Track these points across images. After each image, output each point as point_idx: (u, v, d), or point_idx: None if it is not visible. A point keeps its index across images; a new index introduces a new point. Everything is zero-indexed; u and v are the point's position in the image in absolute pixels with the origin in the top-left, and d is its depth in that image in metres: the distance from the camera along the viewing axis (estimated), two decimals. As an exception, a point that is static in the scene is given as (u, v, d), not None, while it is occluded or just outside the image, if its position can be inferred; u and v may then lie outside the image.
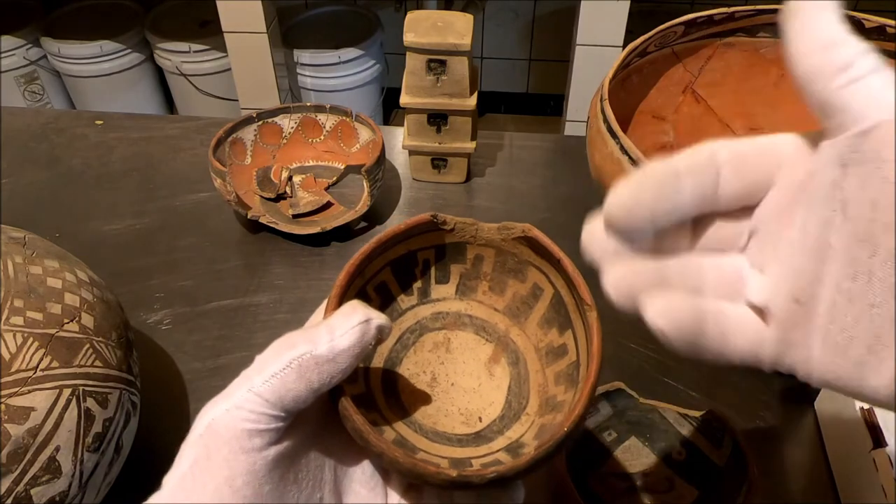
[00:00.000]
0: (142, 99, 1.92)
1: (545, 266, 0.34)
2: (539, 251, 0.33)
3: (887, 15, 0.65)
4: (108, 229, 0.70)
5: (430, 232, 0.35)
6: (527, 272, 0.35)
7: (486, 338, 0.35)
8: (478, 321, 0.36)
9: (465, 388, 0.34)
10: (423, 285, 0.36)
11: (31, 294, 0.42)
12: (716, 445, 0.48)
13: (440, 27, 0.65)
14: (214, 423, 0.26)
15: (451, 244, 0.35)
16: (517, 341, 0.35)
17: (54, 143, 0.82)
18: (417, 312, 0.35)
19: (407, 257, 0.35)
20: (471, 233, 0.35)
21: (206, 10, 1.62)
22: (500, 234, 0.35)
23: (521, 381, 0.34)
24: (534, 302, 0.35)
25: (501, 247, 0.35)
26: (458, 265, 0.36)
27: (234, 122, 0.71)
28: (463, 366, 0.34)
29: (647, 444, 0.51)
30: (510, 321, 0.35)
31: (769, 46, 0.69)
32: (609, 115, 0.55)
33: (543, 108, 2.18)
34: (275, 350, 0.27)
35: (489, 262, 0.36)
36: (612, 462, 0.51)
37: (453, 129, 0.72)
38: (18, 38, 1.80)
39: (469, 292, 0.36)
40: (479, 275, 0.36)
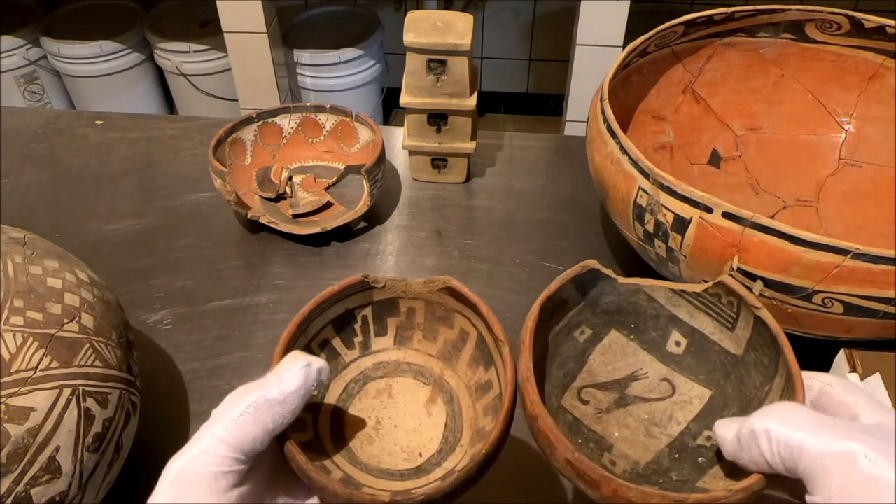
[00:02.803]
0: (142, 99, 1.92)
1: (467, 311, 0.38)
2: (460, 299, 0.37)
3: (887, 15, 0.65)
4: (108, 229, 0.70)
5: (364, 291, 0.39)
6: (453, 319, 0.39)
7: (424, 381, 0.39)
8: (415, 367, 0.40)
9: (407, 428, 0.37)
10: (363, 339, 0.40)
11: (31, 294, 0.42)
12: (728, 327, 0.37)
13: (440, 27, 0.65)
14: (183, 470, 0.29)
15: (386, 300, 0.39)
16: (451, 382, 0.39)
17: (54, 143, 0.82)
18: (360, 364, 0.39)
19: (346, 315, 0.39)
20: (401, 288, 0.39)
21: (206, 10, 1.62)
22: (426, 287, 0.38)
23: (455, 416, 0.38)
24: (462, 345, 0.39)
25: (429, 298, 0.39)
26: (393, 318, 0.40)
27: (234, 122, 0.71)
28: (404, 408, 0.38)
29: (632, 338, 0.39)
30: (444, 364, 0.39)
31: (769, 46, 0.69)
32: (609, 115, 0.55)
33: (543, 108, 2.18)
34: (231, 400, 0.30)
35: (420, 313, 0.40)
36: (588, 370, 0.38)
37: (453, 129, 0.72)
38: (18, 38, 1.80)
39: (406, 342, 0.40)
40: (413, 325, 0.40)
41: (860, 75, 0.67)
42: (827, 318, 0.47)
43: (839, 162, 0.69)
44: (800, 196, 0.68)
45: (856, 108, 0.68)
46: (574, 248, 0.69)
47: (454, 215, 0.73)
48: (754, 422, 0.28)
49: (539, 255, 0.68)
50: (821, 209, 0.67)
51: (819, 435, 0.26)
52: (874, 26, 0.64)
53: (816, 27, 0.67)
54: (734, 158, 0.71)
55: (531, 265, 0.67)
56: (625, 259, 0.67)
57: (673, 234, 0.50)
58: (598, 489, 0.30)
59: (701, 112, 0.71)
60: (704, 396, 0.37)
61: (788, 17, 0.67)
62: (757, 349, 0.35)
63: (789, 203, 0.68)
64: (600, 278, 0.39)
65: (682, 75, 0.70)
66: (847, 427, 0.26)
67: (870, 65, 0.66)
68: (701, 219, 0.47)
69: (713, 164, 0.70)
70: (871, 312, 0.46)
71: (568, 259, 0.67)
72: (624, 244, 0.66)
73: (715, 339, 0.37)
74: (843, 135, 0.69)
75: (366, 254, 0.68)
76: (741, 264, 0.47)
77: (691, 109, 0.71)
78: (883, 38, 0.65)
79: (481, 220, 0.73)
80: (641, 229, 0.53)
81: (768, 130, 0.71)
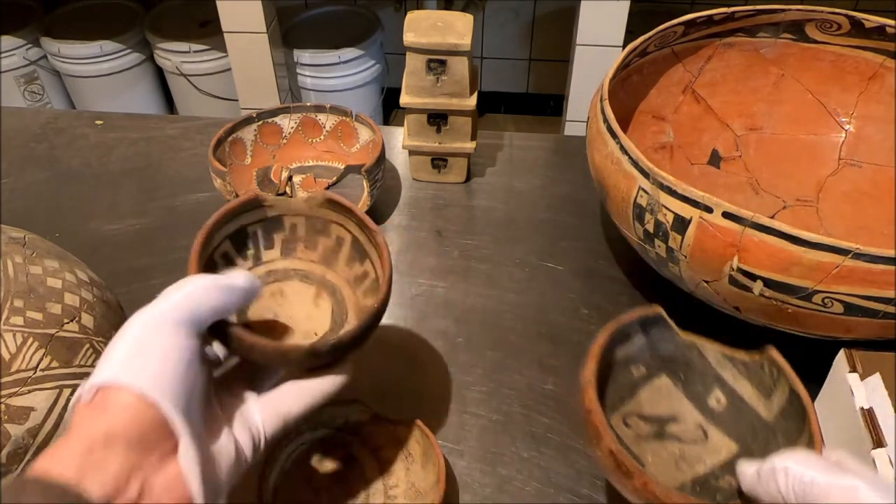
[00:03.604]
0: (142, 99, 1.92)
1: (342, 219, 0.46)
2: (336, 208, 0.45)
3: (887, 15, 0.65)
4: (108, 229, 0.70)
5: (255, 209, 0.45)
6: (330, 229, 0.47)
7: (309, 283, 0.47)
8: (301, 272, 0.47)
9: (300, 318, 0.45)
10: (255, 252, 0.47)
11: (31, 294, 0.42)
12: (765, 395, 0.41)
13: (440, 27, 0.65)
14: (148, 321, 0.34)
15: (273, 217, 0.46)
16: (332, 279, 0.47)
17: (54, 143, 0.82)
18: (254, 272, 0.46)
19: (240, 231, 0.45)
20: (285, 206, 0.46)
21: (206, 10, 1.62)
22: (307, 203, 0.46)
23: (339, 304, 0.46)
24: (339, 249, 0.47)
25: (309, 213, 0.47)
26: (279, 233, 0.47)
27: (234, 122, 0.71)
28: (296, 305, 0.46)
29: (679, 387, 0.44)
30: (325, 267, 0.47)
31: (769, 46, 0.69)
32: (609, 115, 0.55)
33: (543, 108, 2.18)
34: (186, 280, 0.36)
35: (302, 227, 0.47)
36: (636, 401, 0.44)
37: (453, 129, 0.72)
38: (18, 38, 1.80)
39: (290, 252, 0.47)
40: (296, 238, 0.47)
41: (860, 75, 0.67)
42: (827, 318, 0.47)
43: (839, 162, 0.69)
44: (800, 196, 0.68)
45: (856, 108, 0.68)
46: (574, 248, 0.69)
47: (454, 215, 0.73)
48: (775, 460, 0.33)
49: (539, 255, 0.68)
50: (821, 209, 0.67)
51: (829, 474, 0.31)
52: (874, 26, 0.64)
53: (816, 27, 0.67)
54: (734, 158, 0.71)
55: (531, 265, 0.67)
56: (625, 259, 0.67)
57: (673, 234, 0.50)
58: (630, 479, 0.36)
59: (701, 112, 0.71)
60: (732, 449, 0.41)
61: (788, 17, 0.67)
62: (787, 417, 0.39)
63: (789, 203, 0.68)
64: (663, 325, 0.44)
65: (682, 75, 0.70)
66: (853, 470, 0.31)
67: (870, 65, 0.66)
68: (701, 219, 0.47)
69: (713, 164, 0.70)
70: (871, 312, 0.46)
71: (568, 259, 0.67)
72: (624, 244, 0.66)
73: (752, 404, 0.42)
74: (843, 135, 0.69)
75: (366, 254, 0.68)
76: (741, 264, 0.47)
77: (691, 109, 0.71)
78: (883, 38, 0.65)
79: (481, 220, 0.73)
80: (641, 229, 0.53)
81: (768, 130, 0.71)
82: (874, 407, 0.47)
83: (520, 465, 0.52)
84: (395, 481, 0.49)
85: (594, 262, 0.67)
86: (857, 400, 0.48)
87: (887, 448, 0.44)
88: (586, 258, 0.68)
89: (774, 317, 0.50)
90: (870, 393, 0.47)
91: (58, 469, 0.29)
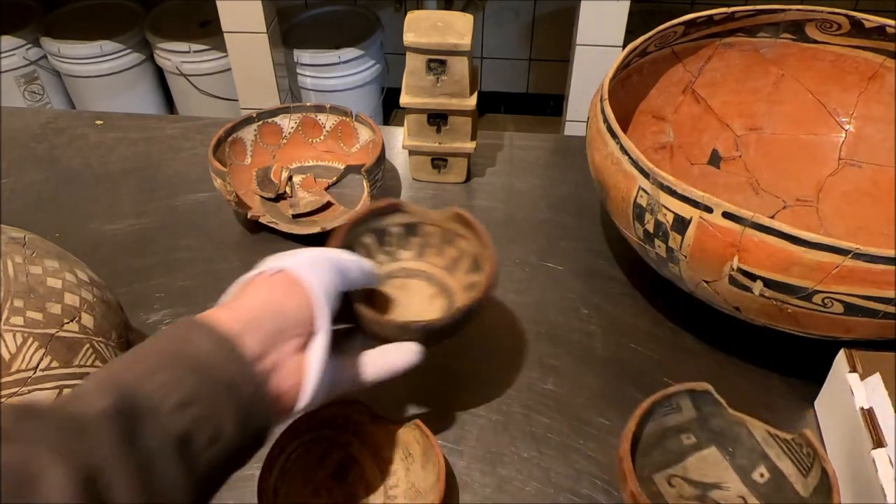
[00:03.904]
0: (142, 99, 1.92)
1: (467, 234, 0.53)
2: (464, 224, 0.53)
3: (887, 15, 0.65)
4: (108, 229, 0.70)
5: (397, 213, 0.54)
6: (456, 241, 0.54)
7: (431, 284, 0.55)
8: (426, 273, 0.55)
9: (415, 311, 0.52)
10: (392, 248, 0.55)
11: (31, 294, 0.42)
12: (803, 473, 0.45)
13: (440, 27, 0.65)
14: (316, 254, 0.43)
15: (412, 223, 0.55)
16: (450, 285, 0.54)
17: (54, 143, 0.82)
18: (388, 266, 0.55)
19: (382, 228, 0.54)
20: (425, 216, 0.55)
21: (206, 10, 1.62)
22: (442, 215, 0.54)
23: (451, 304, 0.53)
24: (460, 259, 0.54)
25: (443, 225, 0.54)
26: (415, 238, 0.55)
27: (234, 122, 0.71)
28: (415, 299, 0.54)
29: (727, 458, 0.49)
30: (447, 273, 0.55)
31: (769, 46, 0.69)
32: (609, 115, 0.55)
33: (543, 108, 2.17)
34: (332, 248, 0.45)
35: (436, 236, 0.55)
36: (684, 466, 0.49)
37: (453, 129, 0.72)
38: (18, 38, 1.80)
39: (422, 256, 0.56)
40: (429, 244, 0.55)
41: (860, 75, 0.67)
42: (827, 318, 0.47)
43: (839, 162, 0.69)
44: (800, 196, 0.68)
45: (856, 108, 0.68)
46: (574, 248, 0.69)
47: (454, 215, 0.73)
48: None
49: (539, 255, 0.68)
50: (821, 209, 0.67)
51: None
52: (874, 26, 0.64)
53: (816, 27, 0.67)
54: (734, 158, 0.71)
55: (531, 265, 0.67)
56: (625, 259, 0.67)
57: (673, 234, 0.50)
58: None
59: (701, 112, 0.71)
60: None
61: (788, 17, 0.67)
62: (818, 494, 0.44)
63: (789, 203, 0.68)
64: (714, 402, 0.49)
65: (682, 75, 0.70)
66: None
67: (870, 65, 0.66)
68: (701, 219, 0.47)
69: (713, 164, 0.70)
70: (871, 312, 0.46)
71: (568, 259, 0.67)
72: (624, 244, 0.66)
73: (792, 480, 0.46)
74: (843, 135, 0.69)
75: (366, 254, 0.68)
76: (741, 264, 0.47)
77: (691, 109, 0.71)
78: (883, 38, 0.65)
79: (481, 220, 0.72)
80: (641, 229, 0.53)
81: (768, 130, 0.71)
82: (874, 407, 0.47)
83: (520, 465, 0.52)
84: (395, 481, 0.49)
85: (594, 262, 0.67)
86: (857, 400, 0.48)
87: (887, 448, 0.44)
88: (586, 258, 0.68)
89: (774, 317, 0.50)
90: (870, 393, 0.47)
91: (225, 321, 0.36)
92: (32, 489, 0.27)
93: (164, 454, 0.31)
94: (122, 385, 0.32)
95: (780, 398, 0.56)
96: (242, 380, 0.35)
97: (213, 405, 0.34)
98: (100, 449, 0.29)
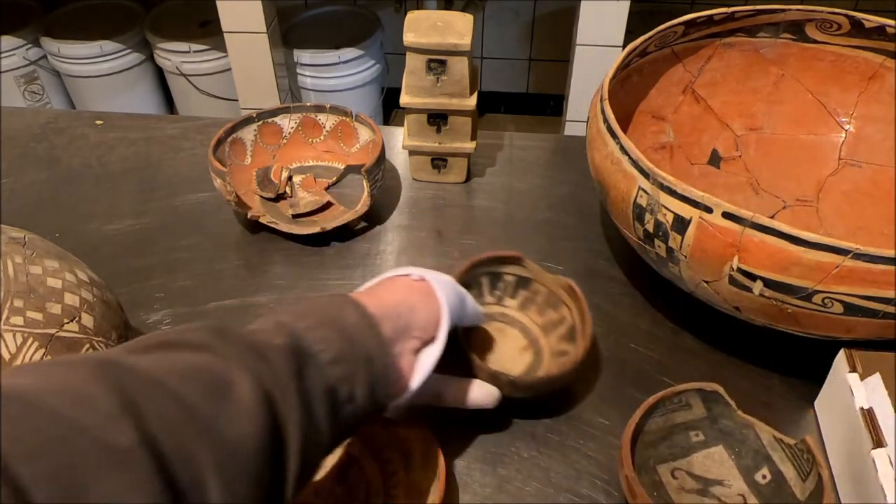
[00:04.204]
0: (142, 99, 1.92)
1: (572, 304, 0.56)
2: (572, 295, 0.56)
3: (887, 15, 0.65)
4: (108, 229, 0.70)
5: (513, 264, 0.59)
6: (560, 307, 0.57)
7: (525, 336, 0.58)
8: (523, 326, 0.59)
9: (503, 358, 0.56)
10: (500, 294, 0.60)
11: (31, 294, 0.42)
12: (802, 478, 0.47)
13: (440, 27, 0.65)
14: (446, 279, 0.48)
15: (525, 278, 0.59)
16: (543, 344, 0.57)
17: (54, 143, 0.82)
18: (491, 308, 0.59)
19: (496, 274, 0.59)
20: (537, 274, 0.58)
21: (206, 10, 1.61)
22: (555, 280, 0.57)
23: (536, 363, 0.56)
24: (559, 324, 0.57)
25: (552, 287, 0.58)
26: (524, 290, 0.59)
27: (234, 122, 0.71)
28: (507, 347, 0.57)
29: (732, 457, 0.50)
30: (542, 333, 0.58)
31: (769, 46, 0.69)
32: (609, 115, 0.55)
33: (543, 108, 2.17)
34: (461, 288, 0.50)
35: (542, 296, 0.59)
36: (689, 461, 0.50)
37: (453, 129, 0.72)
38: (18, 38, 1.80)
39: (525, 308, 0.59)
40: (534, 301, 0.59)
41: (860, 75, 0.67)
42: (827, 318, 0.47)
43: (839, 162, 0.69)
44: (800, 196, 0.68)
45: (856, 108, 0.68)
46: (574, 248, 0.69)
47: (454, 215, 0.73)
48: None
49: (539, 255, 0.68)
50: (821, 209, 0.67)
51: None
52: (874, 26, 0.64)
53: (816, 27, 0.67)
54: (734, 158, 0.71)
55: (531, 265, 0.67)
56: (625, 259, 0.67)
57: (673, 234, 0.50)
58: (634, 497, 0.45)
59: (701, 112, 0.71)
60: None
61: (788, 17, 0.67)
62: (813, 499, 0.45)
63: (789, 203, 0.68)
64: (724, 403, 0.50)
65: (682, 75, 0.70)
66: None
67: (870, 65, 0.66)
68: (701, 219, 0.47)
69: (713, 164, 0.70)
70: (871, 312, 0.46)
71: (568, 259, 0.67)
72: (624, 244, 0.66)
73: (792, 483, 0.47)
74: (843, 135, 0.69)
75: (366, 254, 0.68)
76: (741, 264, 0.47)
77: (691, 109, 0.71)
78: (883, 38, 0.65)
79: (481, 220, 0.73)
80: (641, 229, 0.53)
81: (768, 130, 0.71)
82: (874, 407, 0.47)
83: (520, 465, 0.52)
84: (395, 481, 0.49)
85: (594, 262, 0.67)
86: (857, 400, 0.48)
87: (887, 448, 0.44)
88: (586, 258, 0.68)
89: (774, 317, 0.50)
90: (870, 393, 0.47)
91: (372, 305, 0.42)
92: (228, 392, 0.32)
93: (319, 398, 0.37)
94: (292, 331, 0.38)
95: (780, 398, 0.56)
96: (377, 355, 0.40)
97: (353, 369, 0.39)
98: (278, 375, 0.35)
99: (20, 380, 0.29)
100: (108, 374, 0.29)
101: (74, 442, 0.26)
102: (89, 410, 0.27)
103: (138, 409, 0.29)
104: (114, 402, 0.28)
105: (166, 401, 0.30)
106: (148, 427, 0.28)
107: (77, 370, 0.29)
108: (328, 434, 0.38)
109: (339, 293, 0.43)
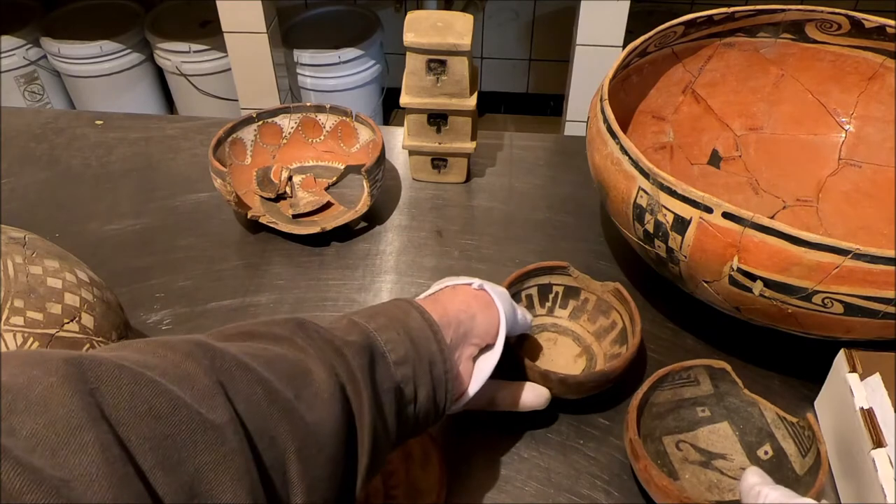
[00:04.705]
0: (142, 99, 1.92)
1: (621, 308, 0.57)
2: (620, 298, 0.57)
3: (887, 15, 0.65)
4: (108, 229, 0.70)
5: (561, 274, 0.59)
6: (610, 313, 0.58)
7: (578, 344, 0.59)
8: (575, 334, 0.60)
9: (558, 365, 0.57)
10: (551, 305, 0.60)
11: (31, 294, 0.42)
12: (802, 454, 0.48)
13: (440, 27, 0.65)
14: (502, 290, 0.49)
15: (574, 287, 0.60)
16: (595, 350, 0.58)
17: (54, 143, 0.82)
18: (542, 319, 0.60)
19: (546, 285, 0.60)
20: (585, 282, 0.59)
21: (206, 10, 1.62)
22: (602, 287, 0.58)
23: (590, 367, 0.57)
24: (611, 330, 0.58)
25: (600, 295, 0.59)
26: (573, 300, 0.60)
27: (234, 122, 0.71)
28: (560, 355, 0.58)
29: (737, 433, 0.52)
30: (595, 339, 0.59)
31: (769, 46, 0.69)
32: (609, 115, 0.55)
33: (543, 108, 2.17)
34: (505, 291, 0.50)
35: (592, 303, 0.59)
36: (694, 434, 0.52)
37: (453, 129, 0.72)
38: (18, 38, 1.80)
39: (576, 318, 0.60)
40: (584, 309, 0.60)
41: (860, 75, 0.67)
42: (827, 318, 0.47)
43: (839, 162, 0.69)
44: (800, 196, 0.68)
45: (856, 108, 0.68)
46: (574, 248, 0.69)
47: (454, 215, 0.73)
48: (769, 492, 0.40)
49: (539, 255, 0.68)
50: (821, 209, 0.67)
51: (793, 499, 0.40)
52: (874, 26, 0.64)
53: (816, 27, 0.67)
54: (734, 158, 0.71)
55: (531, 265, 0.67)
56: (625, 259, 0.67)
57: (673, 235, 0.50)
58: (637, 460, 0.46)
59: (701, 112, 0.71)
60: None
61: (788, 17, 0.67)
62: (811, 474, 0.46)
63: (789, 203, 0.68)
64: (731, 380, 0.51)
65: (682, 75, 0.70)
66: None
67: (870, 65, 0.66)
68: (701, 219, 0.47)
69: (713, 164, 0.70)
70: (871, 312, 0.46)
71: (568, 259, 0.67)
72: (624, 244, 0.66)
73: (792, 460, 0.49)
74: (843, 135, 0.69)
75: (366, 254, 0.68)
76: (741, 264, 0.47)
77: (691, 109, 0.71)
78: (883, 38, 0.65)
79: (481, 220, 0.73)
80: (641, 229, 0.53)
81: (768, 130, 0.71)
82: (874, 407, 0.47)
83: (520, 465, 0.52)
84: (395, 481, 0.49)
85: (594, 262, 0.67)
86: (857, 400, 0.48)
87: (887, 448, 0.44)
88: (586, 258, 0.68)
89: (774, 317, 0.50)
90: (870, 393, 0.47)
91: (435, 312, 0.43)
92: (306, 380, 0.34)
93: (387, 395, 0.38)
94: (364, 330, 0.40)
95: (780, 398, 0.56)
96: (439, 360, 0.42)
97: (416, 371, 0.40)
98: (352, 370, 0.37)
99: (127, 353, 0.30)
100: (204, 354, 0.31)
101: (174, 414, 0.28)
102: (187, 387, 0.29)
103: (228, 390, 0.31)
104: (209, 381, 0.30)
105: (252, 384, 0.32)
106: (237, 406, 0.30)
107: (177, 349, 0.31)
108: (394, 431, 0.39)
109: (404, 298, 0.45)
